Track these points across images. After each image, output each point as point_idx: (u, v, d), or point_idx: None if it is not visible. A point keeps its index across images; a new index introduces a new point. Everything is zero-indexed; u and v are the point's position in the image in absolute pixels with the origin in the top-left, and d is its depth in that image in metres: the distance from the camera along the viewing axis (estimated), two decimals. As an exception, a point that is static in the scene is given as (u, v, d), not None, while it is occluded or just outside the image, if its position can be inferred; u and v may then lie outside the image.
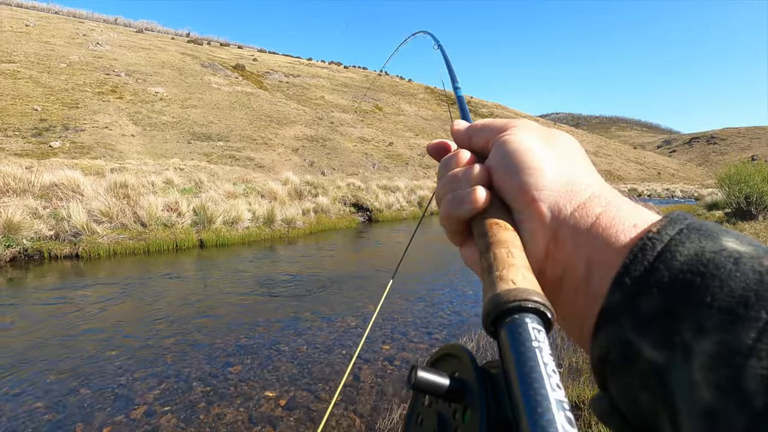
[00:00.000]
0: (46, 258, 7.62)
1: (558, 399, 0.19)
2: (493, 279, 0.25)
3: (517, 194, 0.30)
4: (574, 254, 0.27)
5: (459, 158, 0.35)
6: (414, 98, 54.90)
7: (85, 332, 4.27)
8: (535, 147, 0.31)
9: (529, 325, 0.22)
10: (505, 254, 0.27)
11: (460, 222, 0.33)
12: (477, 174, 0.32)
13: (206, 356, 3.77)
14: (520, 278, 0.25)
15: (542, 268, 0.29)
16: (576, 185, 0.29)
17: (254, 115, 31.16)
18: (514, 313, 0.23)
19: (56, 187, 9.31)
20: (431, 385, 0.23)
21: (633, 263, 0.23)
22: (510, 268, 0.26)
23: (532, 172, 0.30)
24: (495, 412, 0.21)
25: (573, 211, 0.28)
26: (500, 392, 0.22)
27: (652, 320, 0.21)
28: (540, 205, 0.29)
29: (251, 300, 5.41)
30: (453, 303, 5.37)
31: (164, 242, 8.76)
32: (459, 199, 0.32)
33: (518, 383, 0.20)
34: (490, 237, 0.29)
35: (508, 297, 0.23)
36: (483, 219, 0.30)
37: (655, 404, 0.21)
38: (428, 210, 17.34)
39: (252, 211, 10.75)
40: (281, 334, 4.29)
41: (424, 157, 33.11)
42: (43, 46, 33.15)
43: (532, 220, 0.29)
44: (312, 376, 3.43)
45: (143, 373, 3.45)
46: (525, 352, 0.21)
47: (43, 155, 18.71)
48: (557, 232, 0.28)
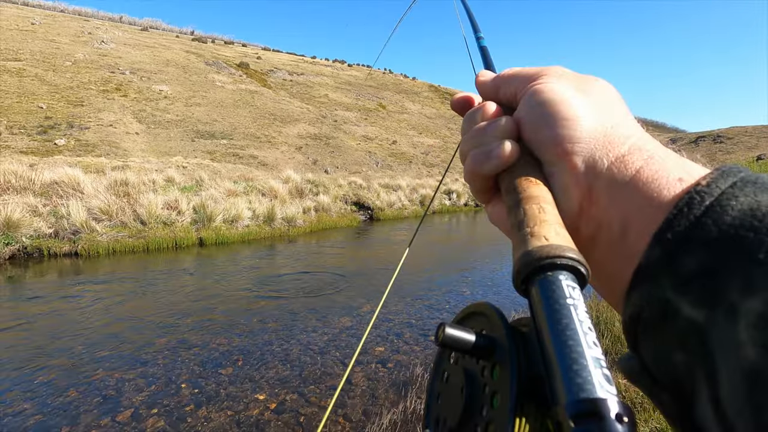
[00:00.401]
0: (45, 256, 7.63)
1: (595, 356, 0.19)
2: (524, 235, 0.24)
3: (550, 147, 0.28)
4: (609, 210, 0.26)
5: (485, 111, 0.33)
6: (418, 96, 54.72)
7: (79, 332, 4.25)
8: (569, 96, 0.29)
9: (563, 282, 0.22)
10: (537, 210, 0.26)
11: (486, 178, 0.31)
12: (505, 126, 0.30)
13: (198, 357, 3.73)
14: (553, 234, 0.24)
15: (575, 225, 0.28)
16: (614, 137, 0.27)
17: (258, 113, 31.17)
18: (547, 270, 0.22)
19: (56, 184, 9.32)
20: (459, 341, 0.22)
21: (677, 218, 0.22)
22: (542, 224, 0.25)
23: (566, 124, 0.28)
24: (526, 369, 0.21)
25: (610, 164, 0.26)
26: (531, 350, 0.22)
27: (694, 278, 0.20)
28: (574, 158, 0.27)
29: (247, 300, 5.36)
30: (450, 304, 5.29)
31: (164, 240, 8.74)
32: (485, 153, 0.30)
33: (551, 340, 0.20)
34: (519, 192, 0.27)
35: (541, 253, 0.23)
36: (511, 174, 0.29)
37: (690, 363, 0.20)
38: (429, 209, 17.22)
39: (252, 210, 10.72)
40: (275, 334, 4.24)
41: (427, 156, 32.99)
42: (48, 44, 33.35)
43: (564, 175, 0.28)
44: (303, 378, 3.37)
45: (133, 374, 3.41)
46: (559, 309, 0.21)
47: (48, 153, 18.81)
48: (592, 186, 0.27)
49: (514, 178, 0.29)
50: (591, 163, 0.27)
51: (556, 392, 0.19)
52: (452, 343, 0.22)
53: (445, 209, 18.13)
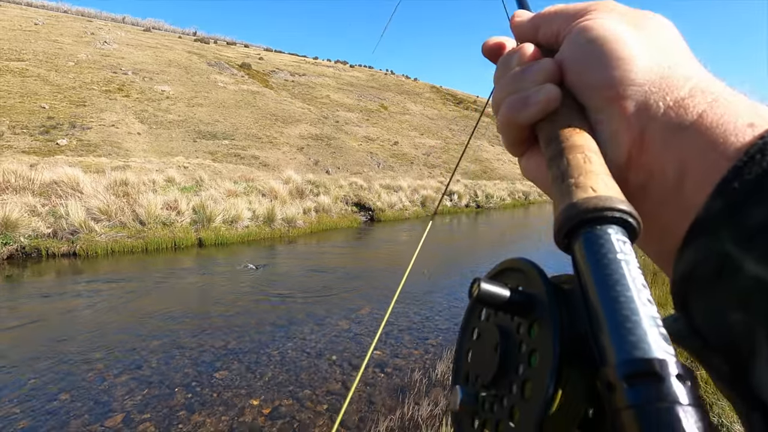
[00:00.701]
0: (43, 256, 7.59)
1: (650, 314, 0.17)
2: (568, 187, 0.23)
3: (598, 91, 0.26)
4: (664, 158, 0.24)
5: (522, 53, 0.30)
6: (419, 97, 54.68)
7: (72, 333, 4.19)
8: (621, 32, 0.26)
9: (613, 236, 0.20)
10: (581, 160, 0.24)
11: (522, 128, 0.28)
12: (546, 69, 0.28)
13: (193, 360, 3.66)
14: (601, 185, 0.22)
15: (622, 175, 0.25)
16: (672, 78, 0.25)
17: (260, 113, 31.17)
18: (595, 224, 0.21)
19: (56, 184, 9.29)
20: (495, 297, 0.22)
21: (747, 166, 0.20)
22: (588, 174, 0.23)
23: (617, 64, 0.25)
24: (568, 328, 0.20)
25: (667, 108, 0.24)
26: (573, 308, 0.20)
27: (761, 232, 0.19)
28: (625, 102, 0.25)
29: (244, 301, 5.30)
30: (451, 308, 5.21)
31: (163, 241, 8.69)
32: (522, 100, 0.27)
33: (600, 296, 0.18)
34: (561, 142, 0.25)
35: (587, 205, 0.21)
36: (552, 122, 0.27)
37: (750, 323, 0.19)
38: (433, 209, 17.11)
39: (252, 210, 10.66)
40: (272, 337, 4.17)
41: (429, 157, 32.91)
42: (51, 44, 33.46)
43: (613, 121, 0.26)
44: (299, 383, 3.30)
45: (126, 377, 3.35)
46: (608, 264, 0.19)
47: (50, 153, 18.82)
48: (644, 133, 0.25)
49: (556, 126, 0.26)
50: (644, 108, 0.25)
51: (604, 352, 0.17)
52: (488, 298, 0.22)
53: (446, 210, 18.05)
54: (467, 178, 27.69)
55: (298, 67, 50.57)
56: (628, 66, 0.25)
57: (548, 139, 0.26)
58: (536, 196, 27.21)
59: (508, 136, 0.30)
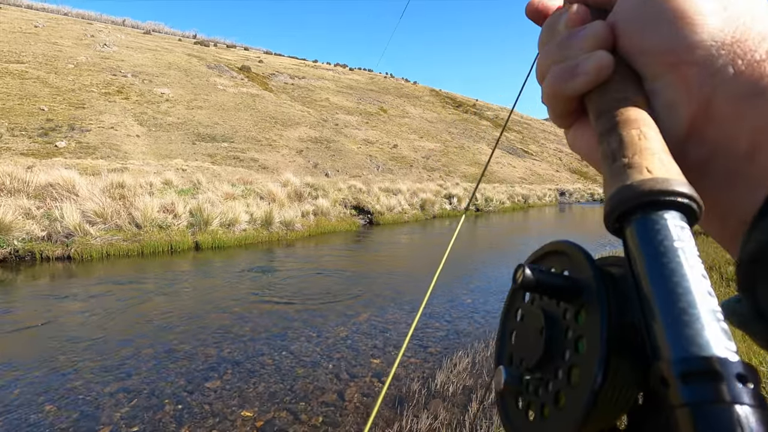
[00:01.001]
0: (37, 259, 7.48)
1: (710, 308, 0.16)
2: (620, 167, 0.21)
3: (656, 56, 0.23)
4: (734, 129, 0.22)
5: (570, 15, 0.27)
6: (419, 101, 54.70)
7: (62, 340, 4.08)
8: None
9: (670, 221, 0.19)
10: (636, 136, 0.22)
11: (569, 100, 0.26)
12: (596, 33, 0.25)
13: (184, 369, 3.55)
14: (658, 164, 0.20)
15: (681, 150, 0.23)
16: (746, 37, 0.22)
17: (259, 116, 31.14)
18: (651, 208, 0.19)
19: (51, 187, 9.19)
20: (540, 283, 0.21)
21: None
22: (643, 152, 0.21)
23: (679, 24, 0.22)
24: (617, 316, 0.19)
25: (739, 73, 0.21)
26: (624, 295, 0.20)
27: None
28: (689, 68, 0.22)
29: (240, 307, 5.18)
30: (451, 314, 5.10)
31: (159, 244, 8.59)
32: (570, 69, 0.25)
33: (654, 286, 0.17)
34: (614, 115, 0.23)
35: (643, 188, 0.19)
36: (604, 92, 0.24)
37: None
38: (432, 212, 16.97)
39: (249, 213, 10.56)
40: (267, 345, 4.06)
41: (428, 160, 32.86)
42: (51, 46, 33.44)
43: (674, 90, 0.23)
44: (294, 394, 3.19)
45: (114, 387, 3.23)
46: (665, 252, 0.18)
47: (49, 155, 18.75)
48: (711, 102, 0.22)
49: (607, 97, 0.24)
50: (712, 74, 0.22)
51: (659, 346, 0.16)
52: (532, 285, 0.21)
53: (446, 213, 17.97)
54: (466, 182, 27.63)
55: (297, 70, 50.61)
56: (692, 26, 0.22)
57: (599, 112, 0.24)
58: (535, 200, 27.13)
59: (555, 108, 0.27)
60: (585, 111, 0.26)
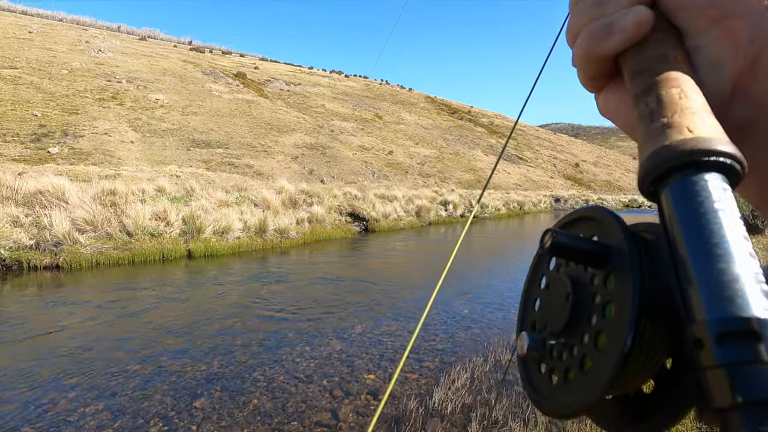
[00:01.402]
0: (25, 268, 7.30)
1: (751, 269, 0.16)
2: (659, 128, 0.20)
3: (699, 10, 0.22)
4: None
5: None
6: (414, 107, 54.90)
7: (45, 354, 3.93)
8: None
9: (711, 182, 0.18)
10: (677, 95, 0.21)
11: (603, 60, 0.24)
12: None
13: (172, 385, 3.42)
14: (699, 124, 0.19)
15: (723, 111, 0.22)
16: None
17: (254, 122, 31.05)
18: (692, 169, 0.18)
19: (41, 194, 9.01)
20: (569, 248, 0.21)
21: None
22: (683, 112, 0.20)
23: None
24: (649, 281, 0.19)
25: None
26: (657, 260, 0.19)
27: None
28: (734, 23, 0.21)
29: (231, 319, 5.05)
30: (447, 325, 5.00)
31: (150, 252, 8.43)
32: (606, 27, 0.23)
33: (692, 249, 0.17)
34: (653, 74, 0.22)
35: (684, 148, 0.18)
36: (641, 51, 0.23)
37: None
38: (427, 219, 16.88)
39: (243, 221, 10.43)
40: (259, 360, 3.93)
41: (423, 166, 32.88)
42: (45, 52, 33.27)
43: (717, 47, 0.22)
44: (287, 413, 3.07)
45: (99, 407, 3.09)
46: (704, 214, 0.17)
47: (41, 161, 18.51)
48: (758, 60, 0.21)
49: (646, 55, 0.23)
50: (759, 29, 0.21)
51: (693, 308, 0.16)
52: (561, 250, 0.21)
53: (442, 220, 17.90)
54: (462, 188, 27.64)
55: (293, 76, 50.67)
56: None
57: (635, 71, 0.23)
58: (531, 206, 27.17)
59: (587, 69, 0.25)
60: (618, 72, 0.25)
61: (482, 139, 48.25)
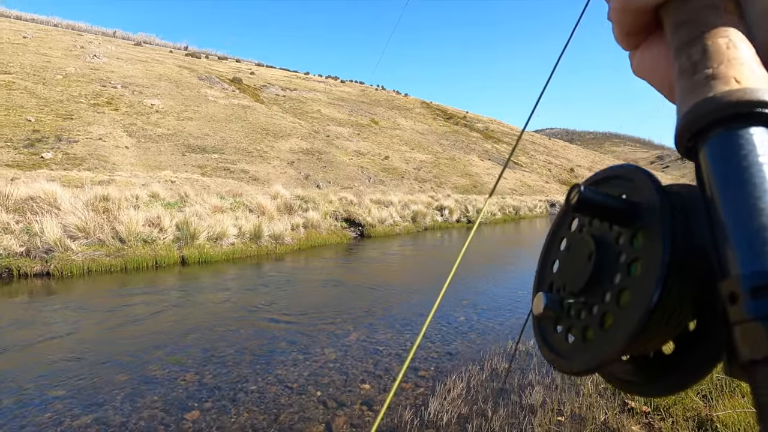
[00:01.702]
0: (15, 276, 7.18)
1: None
2: (702, 79, 0.19)
3: None
4: None
5: None
6: (410, 113, 55.10)
7: (31, 365, 3.83)
8: None
9: (757, 136, 0.17)
10: (724, 45, 0.20)
11: (642, 13, 0.23)
12: None
13: (162, 397, 3.34)
14: (748, 74, 0.18)
15: None
16: None
17: (250, 128, 30.99)
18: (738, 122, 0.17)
19: (32, 200, 8.90)
20: (596, 204, 0.20)
21: None
22: (731, 62, 0.19)
23: None
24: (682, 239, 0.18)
25: None
26: (692, 218, 0.19)
27: None
28: None
29: (224, 327, 4.98)
30: (442, 332, 4.95)
31: (143, 259, 8.33)
32: None
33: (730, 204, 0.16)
34: (698, 24, 0.21)
35: (730, 99, 0.17)
36: (686, 0, 0.22)
37: None
38: (423, 224, 16.85)
39: (238, 227, 10.35)
40: (251, 369, 3.86)
41: (419, 171, 32.92)
42: (39, 57, 33.11)
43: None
44: (279, 425, 3.00)
45: (85, 420, 3.01)
46: (748, 168, 0.16)
47: (35, 166, 18.35)
48: None
49: (690, 5, 0.21)
50: None
51: (728, 263, 0.16)
52: (588, 206, 0.20)
53: (437, 225, 17.88)
54: (457, 193, 27.67)
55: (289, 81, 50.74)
56: None
57: (678, 22, 0.22)
58: (526, 211, 27.23)
59: (624, 23, 0.24)
60: (657, 26, 0.23)
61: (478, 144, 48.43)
